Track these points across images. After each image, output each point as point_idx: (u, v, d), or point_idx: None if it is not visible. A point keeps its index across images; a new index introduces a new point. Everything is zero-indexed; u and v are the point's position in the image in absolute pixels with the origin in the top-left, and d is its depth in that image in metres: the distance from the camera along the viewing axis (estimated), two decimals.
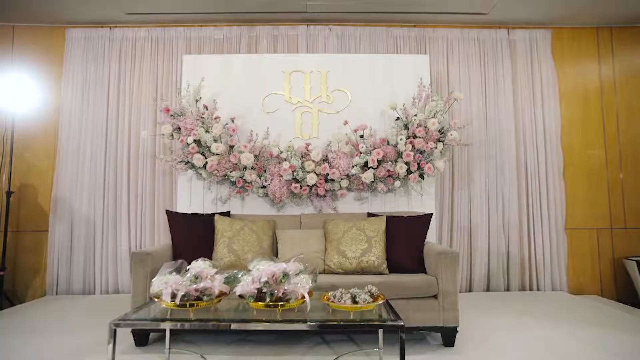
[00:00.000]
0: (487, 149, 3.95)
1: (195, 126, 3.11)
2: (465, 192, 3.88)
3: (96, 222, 3.74)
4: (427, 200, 3.40)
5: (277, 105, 3.48)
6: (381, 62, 3.57)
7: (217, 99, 3.43)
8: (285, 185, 3.13)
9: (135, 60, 3.96)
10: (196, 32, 4.03)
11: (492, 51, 4.08)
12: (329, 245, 2.84)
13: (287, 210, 3.35)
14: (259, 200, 3.36)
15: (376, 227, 2.83)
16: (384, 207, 3.39)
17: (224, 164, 3.13)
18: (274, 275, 1.61)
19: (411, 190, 3.41)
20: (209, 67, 3.52)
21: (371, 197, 3.40)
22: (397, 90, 3.50)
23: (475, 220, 3.86)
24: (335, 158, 3.16)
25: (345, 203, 3.37)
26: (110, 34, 3.99)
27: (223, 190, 3.37)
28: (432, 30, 4.10)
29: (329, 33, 4.05)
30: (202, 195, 3.37)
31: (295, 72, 3.53)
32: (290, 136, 3.40)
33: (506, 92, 4.01)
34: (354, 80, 3.53)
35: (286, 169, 3.05)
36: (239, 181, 3.18)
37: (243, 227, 2.88)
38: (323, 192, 3.19)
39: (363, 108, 3.48)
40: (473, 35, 4.10)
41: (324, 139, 3.42)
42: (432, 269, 2.53)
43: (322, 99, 3.50)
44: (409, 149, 3.17)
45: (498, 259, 3.81)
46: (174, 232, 2.80)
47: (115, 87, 3.91)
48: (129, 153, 3.83)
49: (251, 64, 3.55)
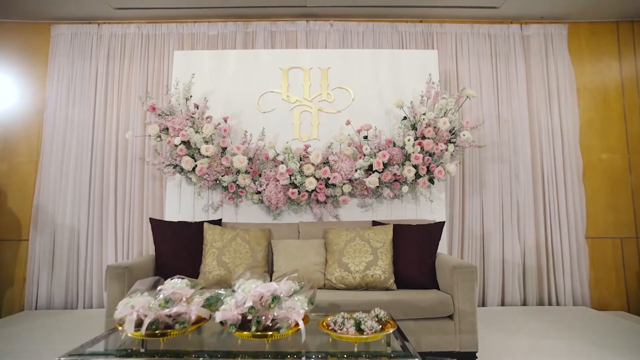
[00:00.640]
0: (500, 152, 3.67)
1: (185, 126, 2.85)
2: (477, 197, 3.60)
3: (80, 230, 3.47)
4: (437, 207, 3.12)
5: (273, 104, 3.22)
6: (386, 58, 3.32)
7: (209, 97, 3.18)
8: (281, 191, 2.86)
9: (124, 58, 3.73)
10: (189, 28, 3.79)
11: (505, 47, 3.82)
12: (330, 257, 2.56)
13: (284, 218, 3.08)
14: (253, 207, 3.09)
15: (382, 237, 2.55)
16: (390, 214, 3.11)
17: (215, 167, 2.87)
18: (262, 298, 1.33)
19: (419, 196, 3.13)
20: (201, 63, 3.28)
21: (376, 204, 3.12)
22: (403, 88, 3.24)
23: (488, 228, 3.57)
24: (336, 161, 2.89)
25: (348, 210, 3.09)
26: (98, 30, 3.76)
27: (215, 196, 3.11)
28: (439, 25, 3.85)
29: (330, 29, 3.80)
30: (192, 201, 3.10)
31: (293, 68, 3.28)
32: (288, 137, 3.13)
33: (520, 91, 3.74)
34: (357, 77, 3.27)
35: (283, 172, 2.78)
36: (231, 186, 2.91)
37: (235, 237, 2.60)
38: (323, 199, 2.92)
39: (367, 107, 3.22)
40: (484, 31, 3.84)
41: (324, 140, 3.15)
42: (446, 284, 2.25)
43: (323, 97, 3.24)
44: (417, 151, 2.90)
45: (513, 270, 3.51)
46: (158, 243, 2.53)
47: (102, 87, 3.67)
48: (116, 156, 3.58)
49: (246, 60, 3.31)
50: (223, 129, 2.89)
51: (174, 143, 2.80)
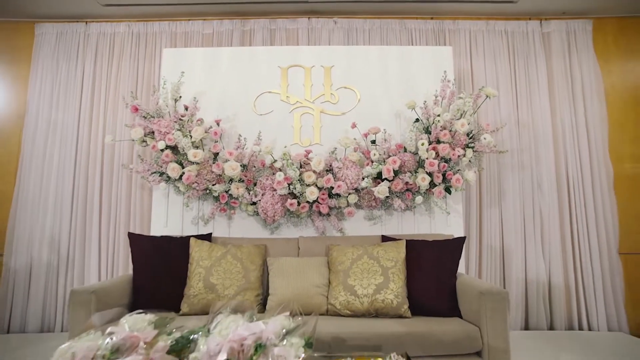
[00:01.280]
0: (521, 158, 3.34)
1: (172, 129, 2.56)
2: (495, 209, 3.25)
3: (61, 245, 3.16)
4: (454, 219, 2.78)
5: (271, 106, 2.93)
6: (395, 55, 3.02)
7: (200, 98, 2.89)
8: (279, 202, 2.54)
9: (112, 58, 3.46)
10: (182, 26, 3.54)
11: (523, 45, 3.51)
12: (334, 278, 2.22)
13: (283, 232, 2.75)
14: (248, 219, 2.77)
15: (394, 255, 2.22)
16: (401, 228, 2.77)
17: (206, 175, 2.56)
18: (242, 346, 1.01)
19: (434, 207, 2.80)
20: (192, 62, 3.01)
21: (385, 216, 2.79)
22: (414, 88, 2.94)
23: (509, 243, 3.21)
24: (341, 168, 2.58)
25: (354, 223, 2.76)
26: (86, 29, 3.51)
27: (206, 207, 2.79)
28: (452, 22, 3.56)
29: (334, 26, 3.53)
30: (180, 213, 2.79)
31: (293, 67, 2.99)
32: (287, 142, 2.82)
33: (541, 92, 3.42)
34: (364, 76, 2.98)
35: (280, 181, 2.47)
36: (223, 196, 2.60)
37: (225, 254, 2.28)
38: (326, 210, 2.59)
39: (374, 108, 2.92)
40: (500, 28, 3.55)
41: (327, 145, 2.84)
42: (470, 312, 1.91)
43: (326, 98, 2.94)
44: (432, 157, 2.57)
45: (538, 290, 3.14)
46: (137, 261, 2.21)
47: (89, 88, 3.40)
48: (102, 164, 3.28)
49: (242, 58, 3.03)
50: (214, 132, 2.59)
51: (158, 148, 2.50)
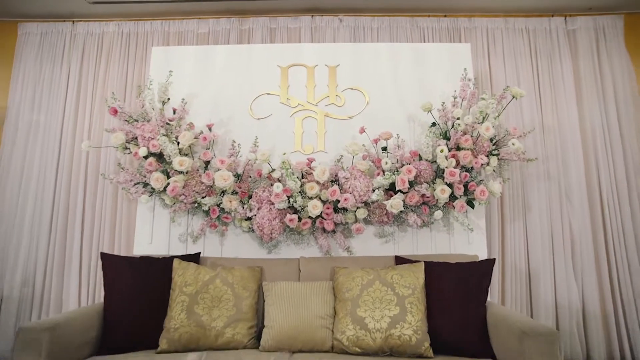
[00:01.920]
0: (547, 167, 3.00)
1: (157, 134, 2.27)
2: (519, 224, 2.91)
3: (37, 268, 2.85)
4: (476, 237, 2.44)
5: (270, 109, 2.63)
6: (408, 53, 2.73)
7: (192, 101, 2.61)
8: (277, 217, 2.22)
9: (100, 60, 3.20)
10: (175, 25, 3.28)
11: (546, 44, 3.21)
12: (341, 308, 1.89)
13: (282, 250, 2.42)
14: (243, 236, 2.46)
15: (411, 281, 1.89)
16: (417, 247, 2.44)
17: (194, 186, 2.26)
18: None
19: (453, 222, 2.47)
20: (183, 61, 2.74)
21: (398, 233, 2.46)
22: (429, 89, 2.64)
23: (535, 262, 2.86)
24: (348, 178, 2.26)
25: (363, 241, 2.43)
26: (73, 28, 3.26)
27: (196, 222, 2.48)
28: (467, 20, 3.28)
29: (339, 25, 3.25)
30: (167, 229, 2.48)
31: (295, 66, 2.70)
32: (287, 149, 2.51)
33: (567, 95, 3.10)
34: (373, 76, 2.68)
35: (279, 193, 2.15)
36: (213, 210, 2.29)
37: (213, 279, 1.96)
38: (331, 227, 2.26)
39: (385, 112, 2.61)
40: (520, 25, 3.25)
41: (332, 152, 2.54)
42: (507, 353, 1.57)
43: (330, 100, 2.64)
44: (452, 165, 2.25)
45: (571, 316, 2.77)
46: (110, 288, 1.89)
47: (74, 91, 3.12)
48: (86, 174, 2.99)
49: (238, 56, 2.75)
50: (203, 137, 2.29)
51: (140, 155, 2.20)
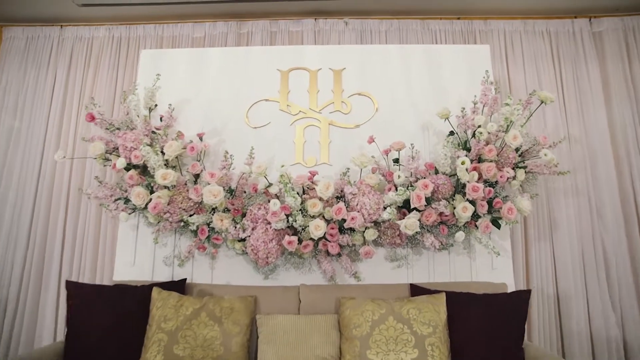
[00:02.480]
0: (574, 180, 2.70)
1: (141, 144, 2.01)
2: (545, 244, 2.60)
3: (10, 292, 2.57)
4: (502, 261, 2.14)
5: (268, 117, 2.38)
6: (421, 56, 2.47)
7: (183, 107, 2.37)
8: (274, 238, 1.93)
9: (89, 65, 2.98)
10: (170, 29, 3.07)
11: (570, 47, 2.95)
12: (347, 349, 1.59)
13: (280, 275, 2.13)
14: (237, 259, 2.17)
15: (431, 316, 1.59)
16: (433, 272, 2.14)
17: (180, 202, 1.99)
18: None
19: (474, 244, 2.17)
20: (174, 65, 2.50)
21: (412, 256, 2.17)
22: (444, 94, 2.38)
23: (565, 288, 2.54)
24: (356, 194, 1.98)
25: (372, 266, 2.13)
26: (60, 33, 3.07)
27: (184, 242, 2.21)
28: (483, 22, 3.04)
29: (345, 28, 3.03)
30: (152, 250, 2.20)
31: (296, 69, 2.46)
32: (287, 161, 2.24)
33: (595, 101, 2.82)
34: (382, 80, 2.43)
35: (276, 211, 1.87)
36: (202, 230, 2.02)
37: (198, 312, 1.67)
38: (336, 250, 1.97)
39: (396, 119, 2.35)
40: (541, 28, 3.01)
41: (337, 165, 2.27)
42: None
43: (335, 107, 2.39)
44: (474, 179, 1.97)
45: (609, 348, 2.44)
46: (74, 323, 1.60)
47: (59, 99, 2.89)
48: (69, 186, 2.73)
49: (234, 60, 2.51)
50: (190, 147, 2.02)
51: (117, 166, 1.94)
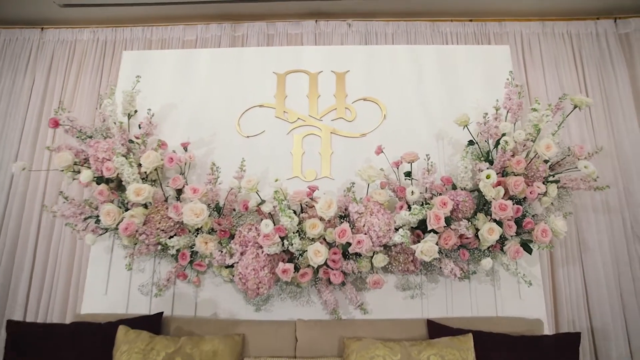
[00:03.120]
0: (605, 196, 2.42)
1: (115, 154, 1.74)
2: (575, 268, 2.30)
3: None
4: (533, 292, 1.83)
5: (262, 125, 2.11)
6: (433, 58, 2.22)
7: (168, 114, 2.12)
8: (267, 265, 1.64)
9: (70, 70, 2.75)
10: (159, 32, 2.85)
11: (594, 50, 2.71)
12: None
13: (274, 307, 1.83)
14: (225, 287, 1.87)
15: None
16: (452, 303, 1.83)
17: (158, 222, 1.70)
18: None
19: (498, 270, 1.87)
20: (160, 68, 2.26)
21: (427, 285, 1.87)
22: (461, 100, 2.12)
23: (601, 319, 2.23)
24: (362, 213, 1.69)
25: (381, 296, 1.83)
26: (41, 36, 2.84)
27: (165, 268, 1.92)
28: (497, 24, 2.81)
29: (348, 30, 2.80)
30: (127, 277, 1.91)
31: (294, 72, 2.21)
32: (283, 174, 1.97)
33: (625, 109, 2.56)
34: (390, 84, 2.17)
35: (269, 234, 1.59)
36: (183, 255, 1.73)
37: (171, 357, 1.37)
38: (339, 280, 1.67)
39: (406, 127, 2.08)
40: (561, 30, 2.77)
41: (341, 179, 1.99)
42: None
43: (338, 113, 2.12)
44: (500, 196, 1.68)
45: None
46: None
47: (37, 106, 2.65)
48: (42, 201, 2.47)
49: (226, 62, 2.27)
50: (169, 158, 1.75)
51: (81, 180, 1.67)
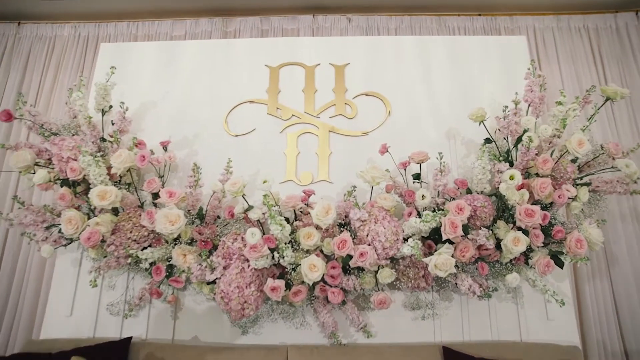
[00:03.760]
0: (633, 203, 2.19)
1: (80, 152, 1.51)
2: (603, 284, 2.06)
3: None
4: (562, 311, 1.58)
5: (253, 122, 1.89)
6: (441, 50, 2.01)
7: (148, 112, 1.90)
8: (254, 281, 1.39)
9: (48, 68, 2.57)
10: (146, 28, 2.67)
11: (614, 45, 2.53)
12: None
13: (264, 329, 1.58)
14: (207, 306, 1.63)
15: None
16: (468, 325, 1.58)
17: (129, 231, 1.46)
18: None
19: (522, 287, 1.63)
20: (140, 61, 2.05)
21: (440, 303, 1.62)
22: (473, 96, 1.90)
23: (635, 339, 1.98)
24: (365, 221, 1.44)
25: (387, 315, 1.58)
26: (17, 30, 2.66)
27: (139, 284, 1.67)
28: (508, 19, 2.63)
29: (347, 25, 2.62)
30: (97, 294, 1.67)
31: (288, 65, 1.99)
32: (276, 177, 1.75)
33: None
34: (395, 78, 1.95)
35: (256, 245, 1.35)
36: (157, 270, 1.49)
37: None
38: (339, 299, 1.43)
39: (413, 125, 1.86)
40: (577, 24, 2.59)
41: (341, 183, 1.76)
42: None
43: (337, 110, 1.90)
44: (525, 199, 1.45)
45: None
46: None
47: (10, 105, 2.44)
48: (12, 209, 2.24)
49: (213, 55, 2.06)
50: (139, 157, 1.51)
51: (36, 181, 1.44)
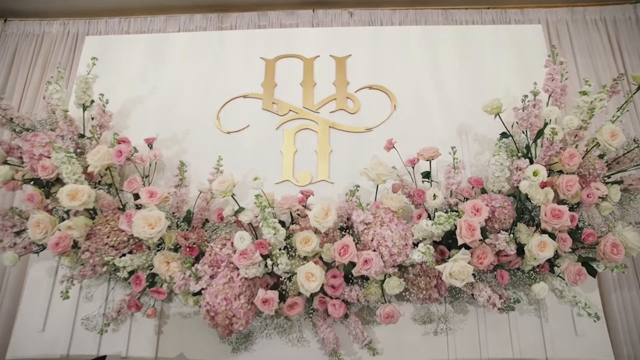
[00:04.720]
0: None
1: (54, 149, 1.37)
2: (632, 293, 1.87)
3: None
4: (594, 327, 1.40)
5: (246, 118, 1.74)
6: (450, 40, 1.86)
7: (134, 108, 1.76)
8: (244, 292, 1.22)
9: (34, 66, 2.44)
10: (138, 24, 2.54)
11: (634, 37, 2.38)
12: None
13: (257, 345, 1.40)
14: (194, 320, 1.46)
15: None
16: (485, 340, 1.40)
17: (106, 236, 1.31)
18: None
19: (546, 297, 1.45)
20: (128, 55, 1.91)
21: (453, 316, 1.44)
22: (486, 88, 1.74)
23: None
24: (370, 224, 1.28)
25: (394, 330, 1.40)
26: (3, 28, 2.55)
27: (119, 295, 1.51)
28: (519, 12, 2.49)
29: (349, 20, 2.48)
30: (72, 308, 1.50)
31: (285, 57, 1.85)
32: (271, 177, 1.59)
33: None
34: (400, 70, 1.80)
35: (246, 251, 1.19)
36: (137, 279, 1.33)
37: None
38: (341, 312, 1.26)
39: (421, 121, 1.70)
40: (593, 16, 2.45)
41: (342, 183, 1.60)
42: None
43: (338, 104, 1.75)
44: (550, 199, 1.28)
45: None
46: None
47: None
48: None
49: (204, 47, 1.93)
50: (116, 152, 1.35)
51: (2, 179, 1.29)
